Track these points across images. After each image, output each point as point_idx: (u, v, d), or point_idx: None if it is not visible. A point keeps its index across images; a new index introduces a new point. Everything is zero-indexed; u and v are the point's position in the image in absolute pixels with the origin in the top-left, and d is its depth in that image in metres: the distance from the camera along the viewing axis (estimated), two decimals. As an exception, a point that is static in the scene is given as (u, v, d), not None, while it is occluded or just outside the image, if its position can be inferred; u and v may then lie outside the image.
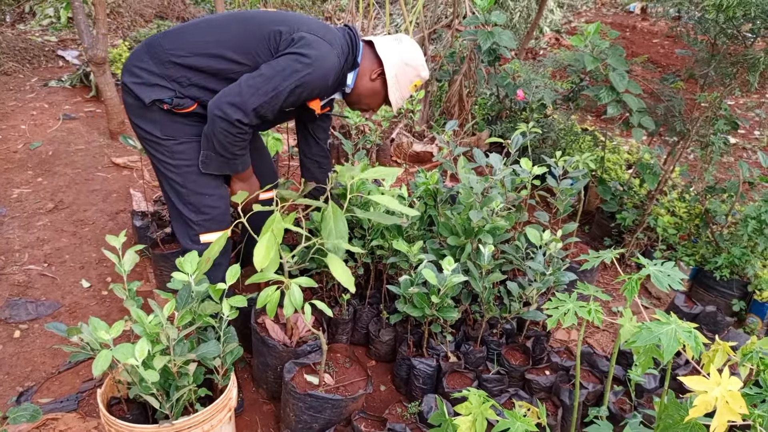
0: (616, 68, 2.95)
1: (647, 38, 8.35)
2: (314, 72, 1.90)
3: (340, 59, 2.00)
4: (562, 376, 2.24)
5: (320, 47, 1.92)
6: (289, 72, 1.87)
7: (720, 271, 2.97)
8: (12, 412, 1.58)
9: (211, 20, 2.04)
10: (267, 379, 2.20)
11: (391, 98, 2.18)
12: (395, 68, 2.13)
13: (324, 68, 1.93)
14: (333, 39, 2.00)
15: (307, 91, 1.95)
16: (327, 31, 2.01)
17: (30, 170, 3.78)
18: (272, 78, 1.86)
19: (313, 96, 2.02)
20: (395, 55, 2.13)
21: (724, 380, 1.16)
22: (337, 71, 2.00)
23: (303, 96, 1.96)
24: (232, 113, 1.84)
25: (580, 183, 2.57)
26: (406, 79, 2.17)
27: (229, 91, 1.86)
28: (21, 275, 2.79)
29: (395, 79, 2.14)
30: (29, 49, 5.94)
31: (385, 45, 2.14)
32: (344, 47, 2.05)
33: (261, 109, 1.87)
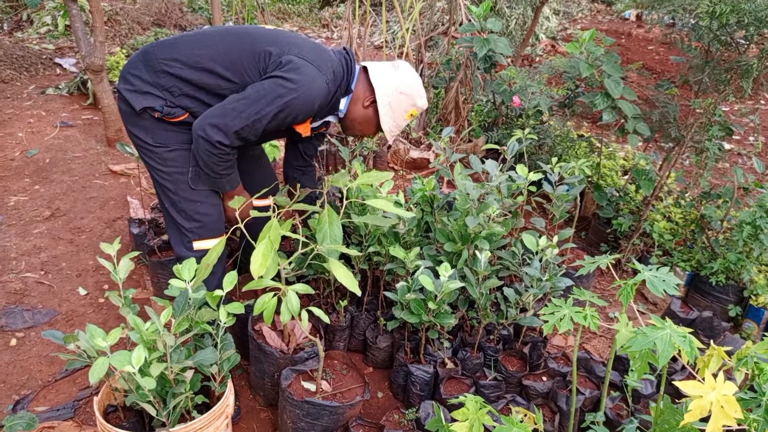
0: (611, 75, 2.97)
1: (642, 45, 8.40)
2: (298, 97, 1.88)
3: (330, 85, 1.97)
4: (559, 382, 2.24)
5: (307, 72, 1.89)
6: (273, 96, 1.86)
7: (716, 277, 2.98)
8: (8, 420, 1.58)
9: (206, 33, 2.04)
10: (264, 386, 2.20)
11: (383, 127, 2.11)
12: (388, 96, 2.07)
13: (309, 94, 1.90)
14: (323, 63, 1.95)
15: (291, 116, 1.93)
16: (318, 55, 1.96)
17: (27, 178, 3.78)
18: (256, 101, 1.86)
19: (298, 120, 2.00)
20: (389, 82, 2.06)
21: (719, 385, 1.16)
22: (324, 96, 1.96)
23: (287, 120, 1.94)
24: (213, 134, 1.84)
25: (576, 189, 2.59)
26: (400, 107, 2.10)
27: (213, 112, 1.87)
28: (18, 283, 2.79)
29: (388, 107, 2.08)
30: (27, 57, 5.95)
31: (379, 71, 2.08)
32: (337, 71, 2.01)
33: (243, 132, 1.87)
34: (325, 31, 9.80)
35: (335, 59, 2.03)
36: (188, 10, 8.35)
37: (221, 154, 1.90)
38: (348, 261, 2.45)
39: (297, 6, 10.23)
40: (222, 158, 1.93)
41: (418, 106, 2.11)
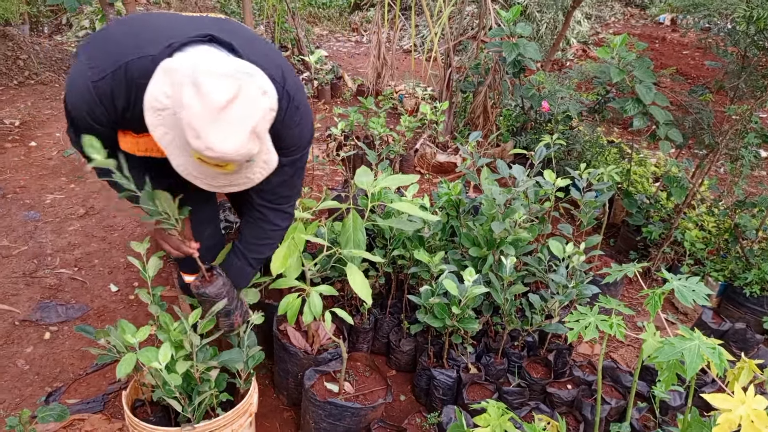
0: (642, 80, 2.92)
1: (677, 50, 8.23)
2: (66, 96, 1.46)
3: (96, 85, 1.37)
4: (585, 390, 2.21)
5: (74, 63, 1.44)
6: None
7: (750, 288, 2.90)
8: (41, 411, 1.63)
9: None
10: (288, 385, 2.22)
11: (166, 152, 1.36)
12: (168, 112, 1.28)
13: (69, 92, 1.44)
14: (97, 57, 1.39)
15: (77, 119, 1.47)
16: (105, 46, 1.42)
17: (63, 177, 3.89)
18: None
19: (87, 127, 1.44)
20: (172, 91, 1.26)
21: (749, 399, 1.14)
22: (88, 99, 1.39)
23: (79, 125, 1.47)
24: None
25: (605, 196, 2.55)
26: (181, 136, 1.28)
27: None
28: (52, 279, 2.87)
29: (170, 130, 1.31)
30: (65, 60, 6.14)
31: (170, 68, 1.28)
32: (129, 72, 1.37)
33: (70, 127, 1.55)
34: (354, 34, 9.86)
35: (143, 54, 1.37)
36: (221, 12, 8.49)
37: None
38: (372, 264, 2.46)
39: (327, 10, 10.32)
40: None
41: (192, 145, 1.23)
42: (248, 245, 1.80)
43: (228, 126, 1.22)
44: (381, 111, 4.12)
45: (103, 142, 1.40)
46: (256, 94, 1.27)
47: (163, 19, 1.52)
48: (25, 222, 3.32)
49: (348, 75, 6.54)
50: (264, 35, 6.74)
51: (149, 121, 1.29)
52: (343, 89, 6.11)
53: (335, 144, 4.26)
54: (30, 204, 3.52)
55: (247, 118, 1.24)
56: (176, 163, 1.35)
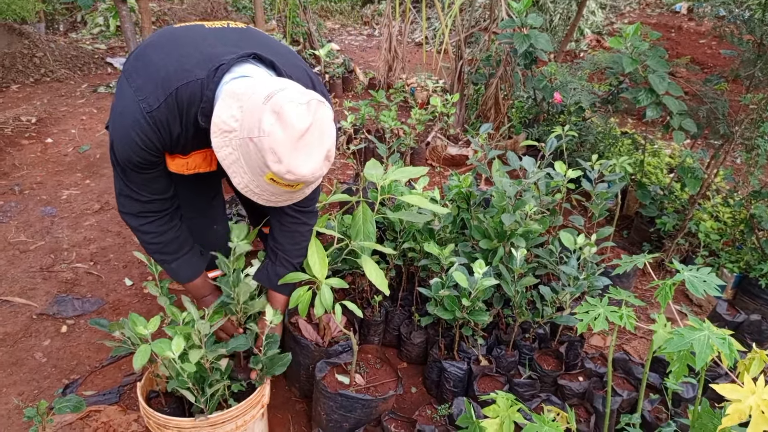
0: (656, 70, 2.88)
1: (693, 39, 8.10)
2: (114, 130, 1.54)
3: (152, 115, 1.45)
4: (596, 382, 2.20)
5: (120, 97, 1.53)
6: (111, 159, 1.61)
7: (766, 279, 2.86)
8: (58, 402, 1.67)
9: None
10: (299, 377, 2.24)
11: (231, 178, 1.43)
12: (236, 135, 1.36)
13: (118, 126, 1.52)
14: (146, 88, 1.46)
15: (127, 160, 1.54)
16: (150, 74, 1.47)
17: (79, 173, 3.95)
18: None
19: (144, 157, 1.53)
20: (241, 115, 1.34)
21: (759, 389, 1.13)
22: (145, 128, 1.46)
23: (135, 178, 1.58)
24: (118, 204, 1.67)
25: (616, 187, 2.53)
26: (250, 160, 1.36)
27: None
28: (69, 273, 2.92)
29: (237, 152, 1.37)
30: (80, 57, 6.21)
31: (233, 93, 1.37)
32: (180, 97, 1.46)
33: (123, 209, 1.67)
34: (366, 28, 9.84)
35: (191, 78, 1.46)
36: (233, 9, 8.52)
37: (133, 231, 1.71)
38: (383, 256, 2.47)
39: (339, 4, 10.30)
40: (140, 238, 1.70)
41: (272, 170, 1.32)
42: (291, 252, 1.89)
43: (307, 151, 1.31)
44: (392, 104, 4.11)
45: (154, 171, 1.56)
46: (329, 121, 1.37)
47: (192, 36, 1.57)
48: (42, 217, 3.38)
49: (359, 68, 6.54)
50: (275, 30, 6.75)
51: (216, 143, 1.37)
52: (354, 83, 6.11)
53: (345, 137, 4.27)
54: (47, 200, 3.57)
55: (323, 144, 1.35)
56: (237, 181, 1.41)
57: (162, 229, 1.70)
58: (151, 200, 1.65)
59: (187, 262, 1.81)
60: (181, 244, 1.78)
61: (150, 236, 1.70)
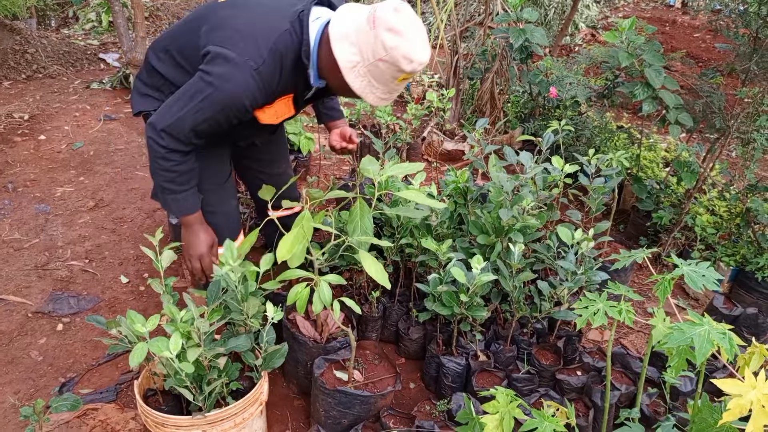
0: (652, 64, 2.88)
1: (688, 32, 8.12)
2: (218, 94, 1.64)
3: (261, 70, 1.63)
4: (594, 377, 2.21)
5: (226, 63, 1.62)
6: (193, 92, 1.66)
7: (762, 272, 2.87)
8: (54, 401, 1.65)
9: (189, 15, 1.86)
10: (298, 374, 2.24)
11: (367, 99, 1.70)
12: (361, 67, 1.61)
13: (229, 88, 1.63)
14: (252, 48, 1.62)
15: (217, 114, 1.68)
16: (248, 37, 1.63)
17: (73, 170, 3.92)
18: (181, 97, 1.69)
19: (232, 116, 1.71)
20: (357, 49, 1.59)
21: (760, 383, 1.13)
22: (253, 87, 1.64)
23: (216, 118, 1.69)
24: (148, 131, 1.73)
25: (613, 181, 2.53)
26: (383, 77, 1.62)
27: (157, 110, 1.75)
28: (64, 270, 2.90)
29: (366, 78, 1.63)
30: (72, 53, 6.15)
31: (341, 35, 1.60)
32: (282, 47, 1.65)
33: (170, 129, 1.69)
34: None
35: (281, 28, 1.65)
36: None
37: (157, 156, 1.73)
38: (380, 252, 2.46)
39: (333, -2, 10.24)
40: (158, 162, 1.74)
41: (406, 71, 1.61)
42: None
43: (420, 41, 1.60)
44: (388, 99, 4.09)
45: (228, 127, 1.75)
46: (409, 7, 1.63)
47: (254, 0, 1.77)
48: (36, 215, 3.35)
49: (354, 64, 6.50)
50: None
51: (350, 80, 1.63)
52: (349, 78, 6.07)
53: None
54: (40, 197, 3.54)
55: (420, 28, 1.62)
56: (371, 98, 1.69)
57: (185, 159, 1.78)
58: (195, 142, 1.76)
59: (193, 195, 1.88)
60: (192, 177, 1.85)
61: (172, 163, 1.75)
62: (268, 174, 2.34)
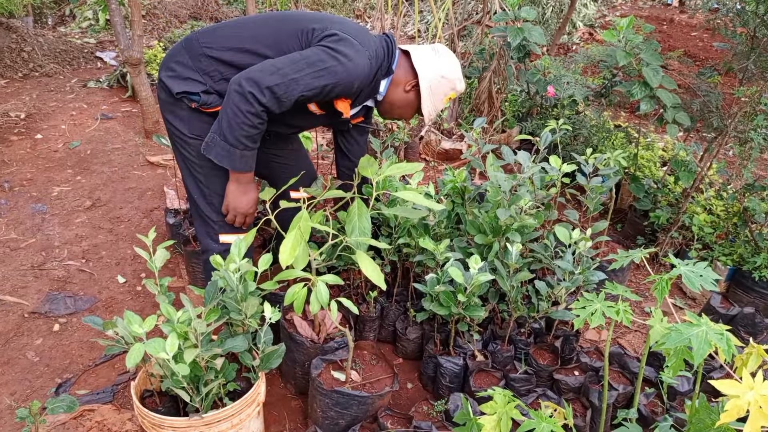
0: (649, 63, 2.88)
1: (685, 31, 8.12)
2: (340, 67, 1.85)
3: (372, 63, 1.96)
4: (592, 376, 2.21)
5: (351, 46, 1.89)
6: (314, 60, 1.83)
7: (759, 272, 2.88)
8: (50, 402, 1.64)
9: (248, 18, 2.06)
10: (295, 374, 2.23)
11: (424, 111, 2.14)
12: (430, 81, 2.08)
13: (351, 66, 1.88)
14: (366, 41, 1.95)
15: (329, 86, 1.88)
16: (361, 33, 1.97)
17: (69, 169, 3.91)
18: (296, 62, 1.83)
19: (336, 94, 1.94)
20: (432, 67, 2.08)
21: (757, 384, 1.13)
22: (366, 73, 1.95)
23: (325, 91, 1.89)
24: (247, 86, 1.78)
25: (611, 181, 2.53)
26: (440, 91, 2.12)
27: (252, 67, 1.84)
28: (60, 270, 2.89)
29: (429, 91, 2.10)
30: (69, 51, 6.13)
31: (422, 56, 2.09)
32: (379, 53, 2.02)
33: (277, 89, 1.80)
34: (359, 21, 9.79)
35: (377, 40, 2.04)
36: (224, 3, 8.45)
37: (250, 112, 1.81)
38: (378, 252, 2.46)
39: (330, -3, 10.22)
40: (248, 118, 1.82)
41: (457, 89, 2.15)
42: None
43: (461, 76, 2.17)
44: (385, 98, 4.08)
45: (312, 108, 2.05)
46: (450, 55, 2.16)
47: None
48: (32, 214, 3.34)
49: (352, 62, 6.50)
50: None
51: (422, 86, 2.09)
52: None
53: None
54: (37, 196, 3.53)
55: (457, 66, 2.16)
56: (427, 106, 2.15)
57: (264, 121, 1.89)
58: (286, 107, 1.88)
59: (254, 155, 1.99)
60: (261, 138, 1.97)
61: (259, 121, 1.86)
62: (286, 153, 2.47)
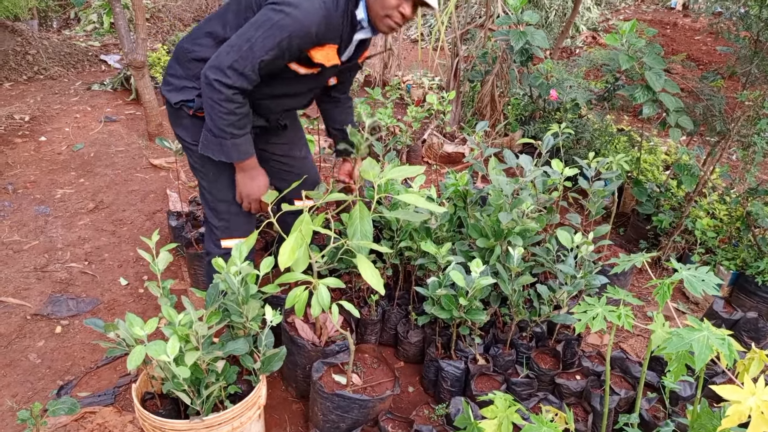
0: (652, 67, 2.88)
1: (689, 35, 8.11)
2: (287, 19, 1.73)
3: (327, 2, 1.79)
4: (594, 381, 2.20)
5: None
6: (261, 21, 1.75)
7: (762, 276, 2.86)
8: (52, 404, 1.65)
9: (218, 10, 2.00)
10: (296, 377, 2.23)
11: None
12: None
13: (298, 14, 1.74)
14: None
15: (284, 41, 1.75)
16: None
17: (73, 171, 3.92)
18: (246, 32, 1.76)
19: (297, 46, 1.80)
20: None
21: (759, 390, 1.12)
22: (321, 15, 1.78)
23: (283, 47, 1.77)
24: (211, 75, 1.76)
25: (613, 184, 2.52)
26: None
27: (212, 56, 1.81)
28: (63, 273, 2.90)
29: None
30: (74, 54, 6.16)
31: None
32: None
33: (237, 65, 1.75)
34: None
35: None
36: (227, 6, 8.48)
37: (221, 99, 1.78)
38: (379, 255, 2.46)
39: (334, 0, 10.25)
40: (223, 105, 1.79)
41: None
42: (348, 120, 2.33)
43: None
44: (388, 101, 4.09)
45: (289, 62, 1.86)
46: None
47: None
48: (35, 216, 3.35)
49: (355, 66, 6.51)
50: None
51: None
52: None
53: (342, 135, 4.26)
54: (40, 199, 3.55)
55: None
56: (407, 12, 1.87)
57: (245, 101, 1.85)
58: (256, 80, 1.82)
59: (249, 139, 1.94)
60: (249, 120, 1.92)
61: (236, 105, 1.81)
62: (291, 157, 2.40)
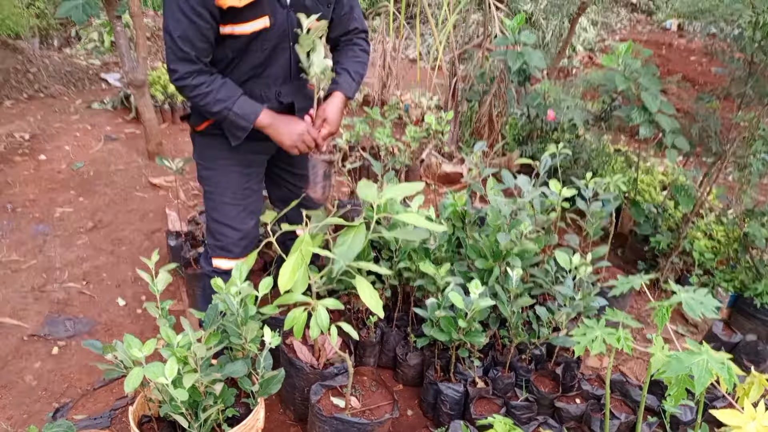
0: (648, 88, 2.91)
1: (684, 56, 8.20)
2: None
3: None
4: (594, 405, 2.19)
5: None
6: (166, 10, 1.71)
7: (761, 298, 2.86)
8: (47, 428, 1.63)
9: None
10: (294, 400, 2.22)
11: None
12: None
13: None
14: None
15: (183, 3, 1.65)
16: None
17: (72, 190, 3.92)
18: (166, 17, 1.71)
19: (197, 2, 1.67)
20: None
21: (759, 414, 1.12)
22: None
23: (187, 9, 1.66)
24: (170, 76, 1.77)
25: (611, 205, 2.53)
26: None
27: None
28: (61, 293, 2.89)
29: None
30: (74, 72, 6.20)
31: None
32: None
33: (172, 55, 1.72)
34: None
35: None
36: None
37: (186, 87, 1.77)
38: (378, 276, 2.46)
39: (333, 20, 10.35)
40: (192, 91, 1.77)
41: None
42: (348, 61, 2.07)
43: None
44: (386, 121, 4.12)
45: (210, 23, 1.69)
46: None
47: None
48: (34, 235, 3.35)
49: (354, 85, 6.55)
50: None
51: None
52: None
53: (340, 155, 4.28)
54: (39, 218, 3.54)
55: None
56: None
57: (211, 78, 1.79)
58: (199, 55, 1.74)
59: (246, 99, 1.85)
60: (233, 86, 1.84)
61: (203, 85, 1.76)
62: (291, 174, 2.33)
